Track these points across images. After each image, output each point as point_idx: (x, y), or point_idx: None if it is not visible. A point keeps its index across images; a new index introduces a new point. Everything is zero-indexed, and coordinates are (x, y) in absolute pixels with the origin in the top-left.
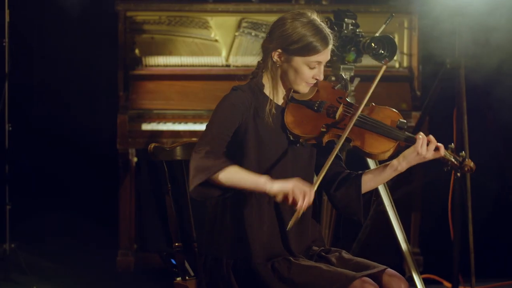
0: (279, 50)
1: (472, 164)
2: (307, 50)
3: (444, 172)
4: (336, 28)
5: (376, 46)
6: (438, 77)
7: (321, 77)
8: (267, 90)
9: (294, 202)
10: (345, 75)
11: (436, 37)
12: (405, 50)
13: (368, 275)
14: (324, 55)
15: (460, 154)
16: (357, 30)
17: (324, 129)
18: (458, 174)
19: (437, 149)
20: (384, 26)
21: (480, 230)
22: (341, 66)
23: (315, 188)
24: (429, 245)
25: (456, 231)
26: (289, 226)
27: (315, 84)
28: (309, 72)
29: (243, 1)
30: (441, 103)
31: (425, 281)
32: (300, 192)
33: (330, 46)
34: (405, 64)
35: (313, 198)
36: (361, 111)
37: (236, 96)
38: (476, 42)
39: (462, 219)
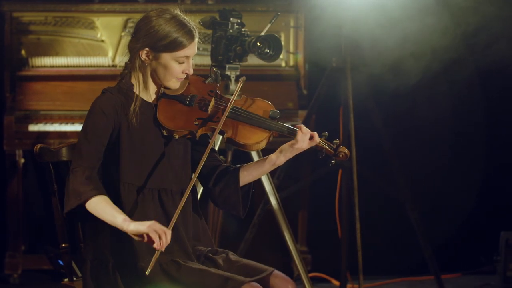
0: (147, 49)
1: (346, 150)
2: (174, 46)
3: (331, 169)
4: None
5: (261, 45)
6: (324, 75)
7: (191, 71)
8: (137, 90)
9: (150, 242)
10: (231, 74)
11: (323, 36)
12: (291, 49)
13: (257, 280)
14: (191, 49)
15: (334, 141)
16: (243, 30)
17: (197, 123)
18: (333, 162)
19: (311, 137)
20: (269, 25)
21: (368, 228)
22: (227, 66)
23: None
24: (317, 243)
25: (344, 229)
26: (148, 270)
27: (186, 79)
28: (178, 67)
29: (129, 1)
30: (327, 101)
31: (313, 280)
32: (155, 233)
33: (196, 40)
34: (291, 63)
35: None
36: (234, 103)
37: (105, 100)
38: (362, 40)
39: (350, 216)
